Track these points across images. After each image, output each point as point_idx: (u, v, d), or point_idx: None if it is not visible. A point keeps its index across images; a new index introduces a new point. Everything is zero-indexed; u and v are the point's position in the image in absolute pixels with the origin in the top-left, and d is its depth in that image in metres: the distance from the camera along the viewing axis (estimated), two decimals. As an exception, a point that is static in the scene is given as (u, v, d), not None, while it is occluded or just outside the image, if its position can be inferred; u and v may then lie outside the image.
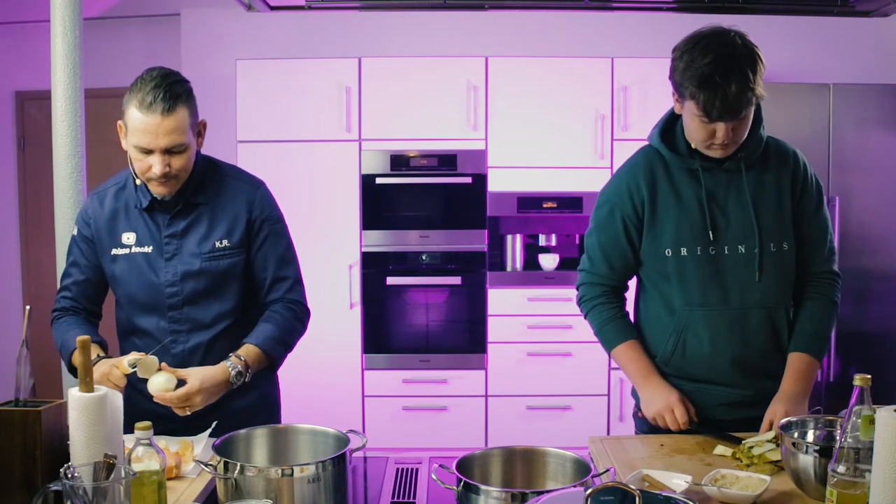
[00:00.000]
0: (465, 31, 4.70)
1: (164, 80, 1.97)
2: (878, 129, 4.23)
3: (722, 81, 1.86)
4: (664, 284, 2.07)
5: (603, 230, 2.11)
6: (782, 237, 2.03)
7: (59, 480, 1.38)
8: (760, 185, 2.04)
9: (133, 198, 2.13)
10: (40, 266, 4.86)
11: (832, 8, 4.58)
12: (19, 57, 4.87)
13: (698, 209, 2.02)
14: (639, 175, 2.08)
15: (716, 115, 1.89)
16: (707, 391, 2.07)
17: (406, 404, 4.31)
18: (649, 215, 2.06)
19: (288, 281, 2.17)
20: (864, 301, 4.28)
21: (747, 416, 2.06)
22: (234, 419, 2.00)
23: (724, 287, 2.02)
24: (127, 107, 1.98)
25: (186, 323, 2.12)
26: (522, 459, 1.72)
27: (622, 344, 2.11)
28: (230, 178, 2.18)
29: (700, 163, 2.03)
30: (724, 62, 1.87)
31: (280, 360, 2.15)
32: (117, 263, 2.12)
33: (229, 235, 2.11)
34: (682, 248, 2.02)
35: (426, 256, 4.33)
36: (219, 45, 4.68)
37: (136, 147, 1.99)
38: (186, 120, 1.99)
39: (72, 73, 2.89)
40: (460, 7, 4.68)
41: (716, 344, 2.03)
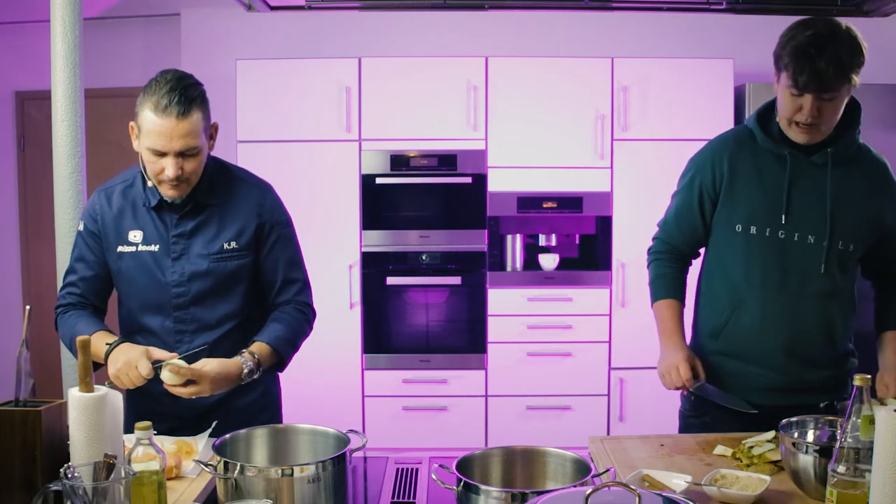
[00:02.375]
0: (465, 31, 4.70)
1: (179, 83, 1.98)
2: (878, 129, 4.23)
3: (816, 53, 1.92)
4: (729, 258, 2.13)
5: (681, 195, 2.21)
6: (853, 238, 2.07)
7: (59, 480, 1.38)
8: (844, 184, 2.07)
9: (141, 196, 2.13)
10: (40, 266, 4.86)
11: (832, 8, 4.58)
12: (19, 57, 4.87)
13: (777, 192, 2.07)
14: (725, 149, 2.15)
15: (802, 85, 1.93)
16: (750, 373, 2.12)
17: (406, 404, 4.31)
18: (727, 188, 2.12)
19: (298, 284, 2.20)
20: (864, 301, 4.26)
21: (783, 405, 2.07)
22: (236, 418, 2.01)
23: (785, 272, 2.07)
24: (141, 109, 1.98)
25: (192, 323, 2.12)
26: (522, 459, 1.73)
27: (662, 300, 2.21)
28: (240, 180, 2.19)
29: (789, 150, 2.06)
30: (822, 38, 1.94)
31: (288, 359, 2.15)
32: (123, 261, 2.12)
33: (238, 237, 2.12)
34: (753, 227, 2.08)
35: (426, 256, 4.33)
36: (219, 45, 4.67)
37: (150, 149, 1.99)
38: (200, 123, 2.00)
39: (72, 73, 2.89)
40: (460, 7, 4.68)
41: (767, 326, 2.08)
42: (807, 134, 2.02)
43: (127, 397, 2.10)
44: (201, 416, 2.07)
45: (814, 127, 2.00)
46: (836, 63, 1.92)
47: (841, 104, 1.99)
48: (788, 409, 2.04)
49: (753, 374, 2.12)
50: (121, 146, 4.76)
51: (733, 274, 2.13)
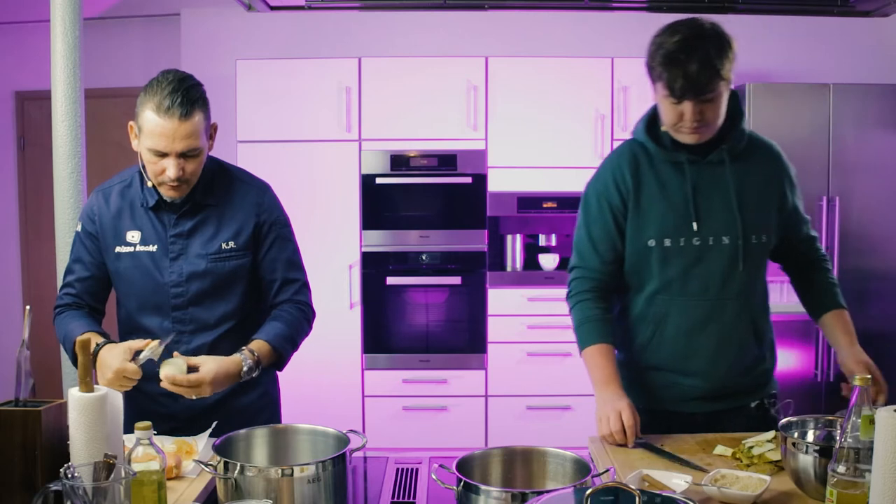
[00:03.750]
0: (465, 31, 4.70)
1: (181, 84, 1.97)
2: (878, 129, 4.23)
3: (685, 59, 1.89)
4: (646, 274, 2.08)
5: (593, 222, 2.12)
6: (764, 230, 2.07)
7: (59, 480, 1.38)
8: (745, 178, 2.07)
9: (139, 196, 2.12)
10: (40, 266, 4.86)
11: (832, 8, 4.58)
12: (19, 57, 4.87)
13: (683, 201, 2.04)
14: (624, 166, 2.09)
15: (679, 92, 1.91)
16: (679, 384, 2.10)
17: (406, 404, 4.31)
18: (634, 205, 2.07)
19: (297, 283, 2.19)
20: (864, 301, 4.28)
21: (718, 410, 2.09)
22: (236, 418, 2.01)
23: (705, 277, 2.04)
24: (142, 109, 1.97)
25: (190, 323, 2.12)
26: (522, 459, 1.73)
27: (594, 346, 2.08)
28: (238, 180, 2.18)
29: (686, 156, 2.05)
30: (689, 42, 1.91)
31: (287, 358, 2.15)
32: (121, 261, 2.12)
33: (236, 237, 2.12)
34: (666, 239, 2.04)
35: (426, 256, 4.33)
36: (219, 45, 4.67)
37: (151, 150, 1.98)
38: (202, 124, 2.00)
39: (72, 73, 2.89)
40: (460, 7, 4.68)
41: (692, 334, 2.06)
42: (695, 134, 1.99)
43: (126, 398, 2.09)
44: (200, 416, 2.07)
45: (698, 128, 1.98)
46: (706, 64, 1.89)
47: (721, 102, 1.97)
48: (722, 414, 2.10)
49: (684, 385, 2.10)
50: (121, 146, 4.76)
51: (650, 291, 2.08)
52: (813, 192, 4.21)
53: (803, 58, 4.72)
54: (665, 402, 2.12)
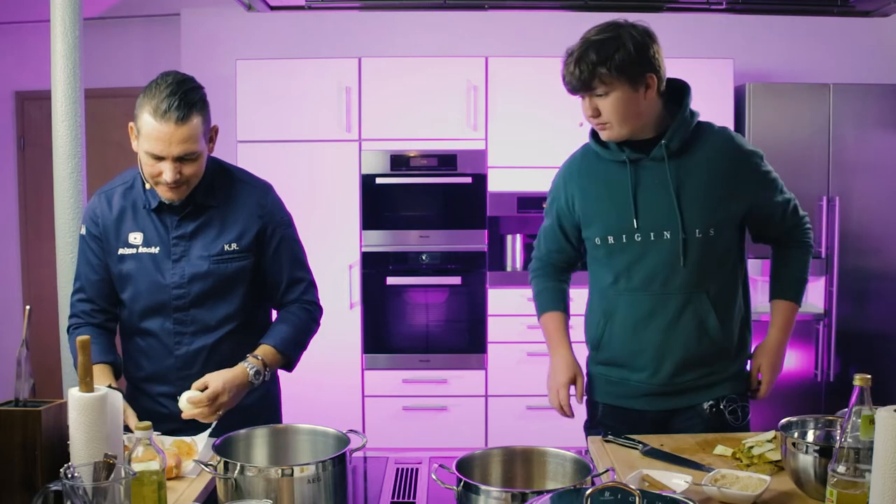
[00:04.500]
0: (465, 31, 4.70)
1: (179, 87, 1.95)
2: (878, 129, 4.23)
3: (572, 59, 2.03)
4: (598, 270, 2.19)
5: (546, 218, 2.31)
6: (709, 223, 2.07)
7: (59, 480, 1.38)
8: (686, 173, 2.08)
9: (141, 198, 2.12)
10: (40, 266, 4.86)
11: (832, 8, 4.58)
12: (19, 57, 4.87)
13: (625, 198, 2.10)
14: (572, 171, 2.24)
15: (569, 88, 2.06)
16: (630, 381, 2.15)
17: (406, 404, 4.31)
18: (582, 208, 2.18)
19: (304, 283, 2.20)
20: (864, 301, 4.28)
21: (668, 408, 2.13)
22: (236, 418, 2.00)
23: (648, 272, 2.09)
24: (140, 111, 1.96)
25: (192, 325, 2.11)
26: (522, 459, 1.73)
27: (546, 314, 2.29)
28: (240, 181, 2.18)
29: (628, 154, 2.10)
30: (584, 42, 2.03)
31: (296, 360, 2.15)
32: (124, 263, 2.12)
33: (239, 239, 2.11)
34: (610, 237, 2.12)
35: (426, 256, 4.33)
36: (219, 45, 4.67)
37: (148, 153, 1.97)
38: (200, 128, 1.98)
39: (72, 73, 2.89)
40: (460, 7, 4.68)
41: (637, 330, 2.11)
42: (604, 131, 2.08)
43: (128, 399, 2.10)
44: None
45: (606, 125, 2.05)
46: (586, 63, 1.99)
47: (620, 100, 2.01)
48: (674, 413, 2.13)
49: (633, 382, 2.14)
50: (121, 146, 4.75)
51: (602, 286, 2.17)
52: (813, 192, 4.21)
53: (803, 58, 4.72)
54: (618, 397, 2.18)
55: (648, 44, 2.03)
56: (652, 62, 2.03)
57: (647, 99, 2.04)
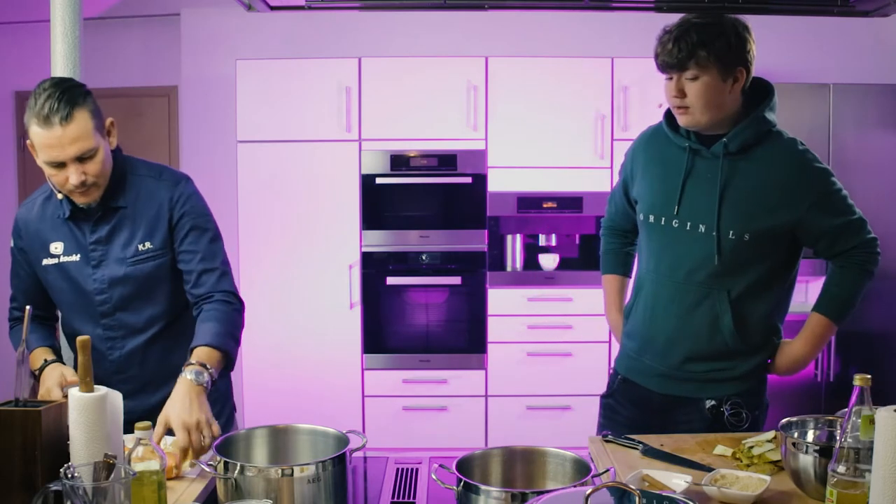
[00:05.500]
0: (465, 31, 4.70)
1: (56, 88, 1.92)
2: (878, 129, 4.23)
3: (669, 38, 2.05)
4: (642, 246, 2.25)
5: (618, 184, 2.38)
6: (745, 228, 2.06)
7: (59, 480, 1.38)
8: (738, 174, 2.07)
9: (58, 208, 2.10)
10: (40, 266, 4.86)
11: (832, 8, 4.58)
12: (19, 57, 4.87)
13: (675, 183, 2.12)
14: (642, 143, 2.28)
15: (660, 65, 2.07)
16: (643, 359, 2.22)
17: (406, 404, 4.31)
18: (639, 183, 2.23)
19: (215, 272, 2.10)
20: (865, 301, 4.23)
21: (674, 395, 2.16)
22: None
23: (676, 260, 2.13)
24: (28, 125, 1.93)
25: (120, 329, 2.12)
26: (522, 459, 1.73)
27: (605, 275, 2.43)
28: (148, 178, 2.13)
29: (689, 143, 2.12)
30: (684, 23, 2.05)
31: (233, 354, 2.05)
32: (49, 273, 2.12)
33: (151, 237, 2.09)
34: (651, 216, 2.17)
35: (426, 256, 4.33)
36: (219, 45, 4.67)
37: (48, 163, 1.95)
38: (89, 123, 1.95)
39: (72, 73, 2.89)
40: (460, 7, 4.68)
41: (656, 312, 2.17)
42: (683, 116, 2.08)
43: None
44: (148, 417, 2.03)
45: (687, 110, 2.05)
46: (686, 42, 2.01)
47: (708, 85, 2.02)
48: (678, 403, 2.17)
49: (647, 360, 2.21)
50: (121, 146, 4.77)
51: (641, 261, 2.26)
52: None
53: (803, 58, 4.71)
54: (634, 372, 2.25)
55: (747, 38, 2.07)
56: (746, 57, 2.06)
57: (732, 92, 2.05)
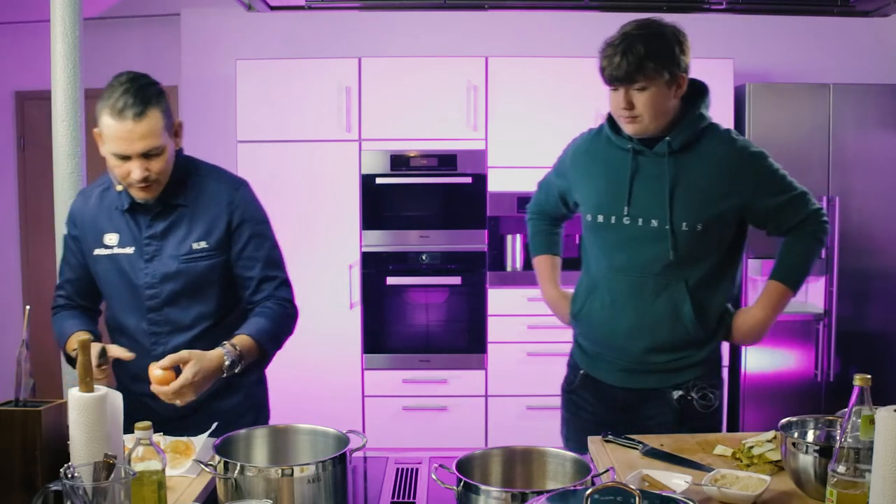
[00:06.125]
0: (465, 31, 4.70)
1: (133, 83, 1.96)
2: (878, 129, 4.23)
3: (614, 51, 2.07)
4: (588, 247, 2.29)
5: (552, 171, 2.45)
6: (697, 219, 2.12)
7: (59, 480, 1.38)
8: (684, 169, 2.14)
9: (116, 199, 2.13)
10: (40, 266, 4.86)
11: (832, 8, 4.58)
12: (19, 57, 4.87)
13: (622, 183, 2.17)
14: (581, 149, 2.33)
15: (608, 79, 2.08)
16: (605, 355, 2.24)
17: (406, 404, 4.31)
18: (581, 185, 2.29)
19: (276, 281, 2.15)
20: (864, 301, 4.28)
21: (641, 388, 2.20)
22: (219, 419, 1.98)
23: (631, 255, 2.17)
24: (100, 115, 1.97)
25: (166, 325, 2.12)
26: (522, 459, 1.72)
27: (537, 256, 2.51)
28: (210, 179, 2.16)
29: (634, 145, 2.17)
30: (626, 35, 2.08)
31: (270, 356, 2.12)
32: (100, 264, 2.14)
33: (207, 237, 2.10)
34: (600, 216, 2.20)
35: (426, 256, 4.33)
36: (219, 45, 4.67)
37: (114, 154, 1.98)
38: (160, 122, 1.97)
39: (72, 73, 2.89)
40: (460, 7, 4.68)
41: (615, 308, 2.19)
42: (631, 125, 2.11)
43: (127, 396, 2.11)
44: (183, 418, 2.05)
45: (637, 119, 2.09)
46: (633, 55, 2.03)
47: (656, 95, 2.06)
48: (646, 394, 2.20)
49: (607, 357, 2.23)
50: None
51: (589, 261, 2.29)
52: (813, 191, 4.16)
53: (803, 58, 4.71)
54: (595, 369, 2.28)
55: (686, 44, 2.11)
56: (686, 62, 2.11)
57: (675, 97, 2.11)
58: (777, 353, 4.30)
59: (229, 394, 2.15)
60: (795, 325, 4.28)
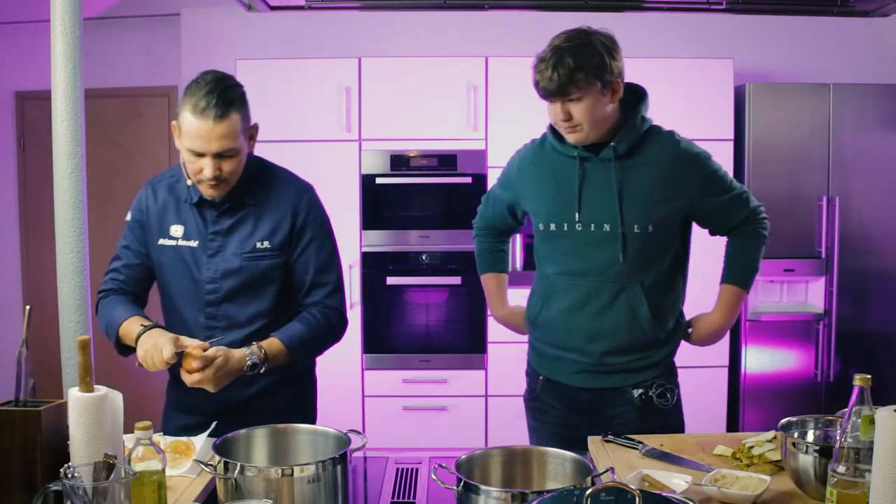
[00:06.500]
0: (465, 31, 4.70)
1: (217, 84, 2.00)
2: (878, 129, 4.23)
3: (545, 65, 2.14)
4: (541, 254, 2.33)
5: (497, 185, 2.47)
6: (647, 220, 2.17)
7: (59, 480, 1.38)
8: (630, 173, 2.18)
9: (185, 192, 2.16)
10: (40, 266, 4.86)
11: (832, 8, 4.58)
12: (19, 57, 4.87)
13: (571, 190, 2.22)
14: (527, 160, 2.36)
15: (542, 93, 2.16)
16: (564, 358, 2.27)
17: (406, 404, 4.31)
18: (530, 195, 2.32)
19: (327, 287, 2.18)
20: (864, 301, 4.28)
21: (602, 388, 2.24)
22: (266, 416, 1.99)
23: (586, 260, 2.21)
24: (181, 109, 2.01)
25: (223, 320, 2.14)
26: (522, 459, 1.73)
27: (485, 273, 2.55)
28: (279, 180, 2.20)
29: (580, 152, 2.21)
30: (556, 49, 2.14)
31: (301, 361, 2.15)
32: (163, 254, 2.16)
33: (271, 237, 2.13)
34: (552, 224, 2.25)
35: (426, 256, 4.33)
36: (219, 45, 4.67)
37: (189, 150, 2.02)
38: (238, 125, 2.01)
39: (72, 73, 2.89)
40: (460, 7, 4.68)
41: (573, 311, 2.23)
42: (572, 134, 2.16)
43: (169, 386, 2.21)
44: (232, 413, 2.09)
45: (577, 128, 2.14)
46: (563, 68, 2.09)
47: (592, 104, 2.11)
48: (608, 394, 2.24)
49: (567, 359, 2.26)
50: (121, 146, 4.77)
51: (544, 267, 2.32)
52: (813, 192, 4.21)
53: (803, 58, 4.71)
54: (555, 372, 2.30)
55: (616, 50, 2.17)
56: (620, 68, 2.16)
57: (612, 102, 2.16)
58: (777, 353, 4.30)
59: (277, 391, 2.18)
60: (795, 325, 4.28)
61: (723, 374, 4.32)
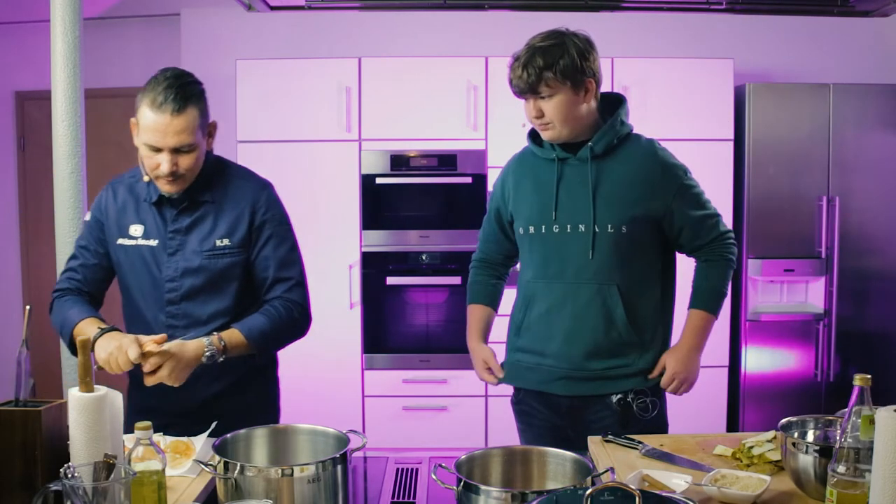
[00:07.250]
0: (465, 31, 4.70)
1: (176, 80, 2.01)
2: (878, 129, 4.23)
3: (518, 63, 2.17)
4: (524, 260, 2.35)
5: (488, 213, 2.48)
6: (621, 220, 2.19)
7: (59, 480, 1.38)
8: (606, 174, 2.22)
9: (144, 191, 2.16)
10: (40, 266, 4.86)
11: (832, 8, 4.58)
12: (19, 57, 4.87)
13: (549, 193, 2.25)
14: (510, 167, 2.40)
15: (516, 90, 2.19)
16: (542, 366, 2.27)
17: (406, 404, 4.31)
18: (514, 202, 2.34)
19: (289, 282, 2.17)
20: (864, 301, 4.28)
21: (581, 395, 2.24)
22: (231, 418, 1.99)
23: (563, 262, 2.23)
24: (140, 105, 2.02)
25: (183, 318, 2.13)
26: (522, 459, 1.73)
27: (471, 304, 2.49)
28: (237, 178, 2.20)
29: (557, 153, 2.25)
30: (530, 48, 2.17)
31: (262, 353, 2.14)
32: (123, 253, 2.16)
33: (231, 235, 2.13)
34: (531, 227, 2.27)
35: (426, 256, 4.33)
36: (219, 45, 4.67)
37: (146, 145, 2.02)
38: (196, 120, 2.02)
39: (72, 73, 2.89)
40: (460, 7, 4.68)
41: (551, 315, 2.24)
42: (546, 131, 2.21)
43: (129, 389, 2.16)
44: (194, 414, 2.07)
45: (549, 125, 2.19)
46: (533, 67, 2.13)
47: (564, 102, 2.16)
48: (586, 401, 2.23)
49: (546, 366, 2.26)
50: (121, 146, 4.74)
51: (525, 273, 2.33)
52: (813, 192, 4.21)
53: (803, 58, 4.71)
54: (535, 382, 2.30)
55: (589, 51, 2.20)
56: (592, 68, 2.20)
57: (586, 102, 2.20)
58: (777, 353, 4.30)
59: (242, 392, 2.17)
60: (795, 325, 4.28)
61: (723, 374, 4.32)
